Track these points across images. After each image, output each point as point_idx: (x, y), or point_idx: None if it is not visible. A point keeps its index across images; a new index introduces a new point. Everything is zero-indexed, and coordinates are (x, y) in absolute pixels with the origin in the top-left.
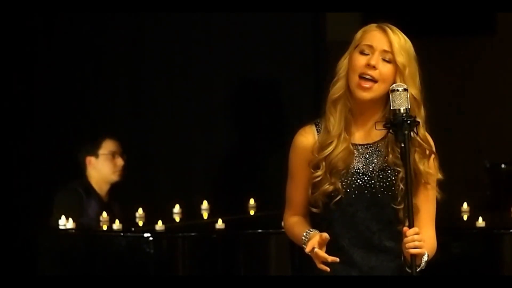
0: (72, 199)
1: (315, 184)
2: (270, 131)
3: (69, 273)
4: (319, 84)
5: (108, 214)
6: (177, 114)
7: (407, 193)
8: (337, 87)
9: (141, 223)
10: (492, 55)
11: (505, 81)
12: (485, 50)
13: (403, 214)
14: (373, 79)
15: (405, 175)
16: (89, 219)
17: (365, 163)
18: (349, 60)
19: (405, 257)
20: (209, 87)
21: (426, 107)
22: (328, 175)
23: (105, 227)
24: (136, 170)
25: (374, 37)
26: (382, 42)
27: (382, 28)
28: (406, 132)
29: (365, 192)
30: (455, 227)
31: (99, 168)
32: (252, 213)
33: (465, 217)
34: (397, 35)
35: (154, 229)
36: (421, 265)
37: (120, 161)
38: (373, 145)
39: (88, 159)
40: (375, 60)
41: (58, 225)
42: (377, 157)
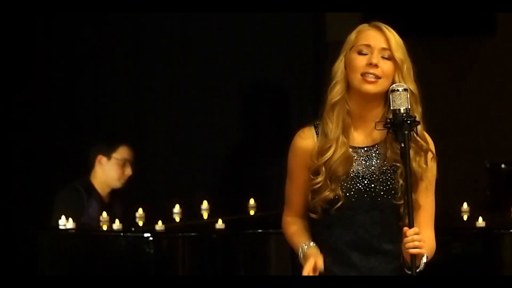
0: (73, 198)
1: (315, 190)
2: (270, 131)
3: (69, 273)
4: (319, 84)
5: (109, 214)
6: (177, 114)
7: (407, 193)
8: (336, 91)
9: (141, 223)
10: (492, 55)
11: (505, 81)
12: (485, 50)
13: (403, 210)
14: (377, 77)
15: (405, 175)
16: (90, 218)
17: (365, 166)
18: (348, 62)
19: (405, 258)
20: (209, 87)
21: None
22: (328, 181)
23: (105, 227)
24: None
25: (370, 36)
26: (379, 40)
27: (376, 26)
28: (406, 132)
29: (365, 196)
30: (455, 227)
31: (107, 170)
32: (252, 213)
33: (465, 217)
34: (392, 32)
35: (154, 229)
36: (420, 266)
37: (129, 171)
38: (373, 148)
39: (99, 158)
40: (376, 58)
41: (58, 225)
42: (377, 159)
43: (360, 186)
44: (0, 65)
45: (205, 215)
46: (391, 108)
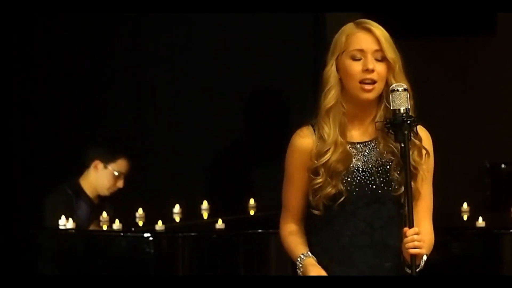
0: (62, 200)
1: (316, 189)
2: (270, 131)
3: (69, 273)
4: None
5: (99, 215)
6: (177, 114)
7: (407, 193)
8: (331, 97)
9: (141, 223)
10: (492, 55)
11: (505, 81)
12: (485, 50)
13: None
14: (373, 82)
15: (405, 176)
16: (79, 220)
17: (364, 160)
18: (342, 68)
19: (405, 257)
20: (209, 87)
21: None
22: (329, 179)
23: (105, 227)
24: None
25: (361, 40)
26: (370, 42)
27: (364, 28)
28: (406, 132)
29: (366, 189)
30: (455, 227)
31: (100, 177)
32: (252, 213)
33: (465, 217)
34: (380, 29)
35: (154, 229)
36: (420, 265)
37: (120, 183)
38: (371, 142)
39: (96, 163)
40: (372, 63)
41: (58, 225)
42: (375, 153)
43: (360, 179)
44: None
45: (205, 215)
46: (391, 108)
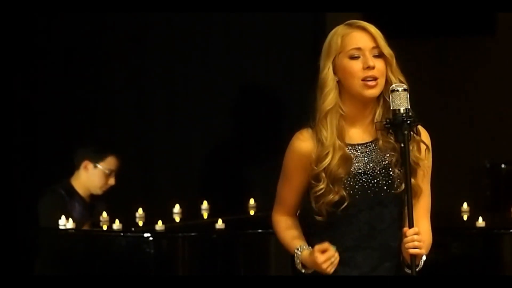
0: (55, 201)
1: (319, 196)
2: (270, 131)
3: (69, 273)
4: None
5: (92, 214)
6: (177, 114)
7: (407, 193)
8: (329, 100)
9: (141, 223)
10: (492, 55)
11: (505, 81)
12: (485, 50)
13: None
14: (375, 78)
15: (404, 176)
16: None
17: (365, 162)
18: (341, 68)
19: (404, 257)
20: (209, 88)
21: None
22: (330, 185)
23: (105, 227)
24: (136, 170)
25: (357, 38)
26: (367, 40)
27: (359, 27)
28: (406, 132)
29: (368, 192)
30: (455, 227)
31: (91, 177)
32: (252, 213)
33: (465, 217)
34: (373, 27)
35: (154, 229)
36: (419, 265)
37: (112, 181)
38: (371, 143)
39: (86, 163)
40: (371, 60)
41: (57, 225)
42: (377, 154)
43: (362, 182)
44: None
45: (205, 215)
46: (391, 108)
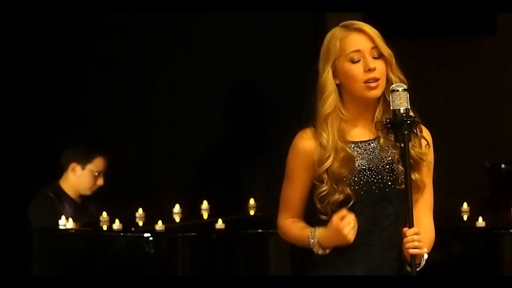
0: (45, 204)
1: (323, 196)
2: (269, 131)
3: (69, 273)
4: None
5: (82, 215)
6: (177, 114)
7: (407, 193)
8: (330, 103)
9: (141, 223)
10: (492, 55)
11: (505, 81)
12: (485, 50)
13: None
14: (376, 79)
15: (404, 175)
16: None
17: (369, 158)
18: (341, 72)
19: (405, 256)
20: (209, 88)
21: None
22: (334, 186)
23: (105, 227)
24: (136, 170)
25: (356, 41)
26: (365, 42)
27: (356, 29)
28: (406, 132)
29: (373, 187)
30: (455, 227)
31: (80, 179)
32: (252, 213)
33: (465, 217)
34: (370, 28)
35: (154, 229)
36: (421, 264)
37: (101, 181)
38: (374, 140)
39: (73, 165)
40: (371, 62)
41: (58, 225)
42: (380, 151)
43: (367, 178)
44: None
45: (205, 215)
46: (391, 108)
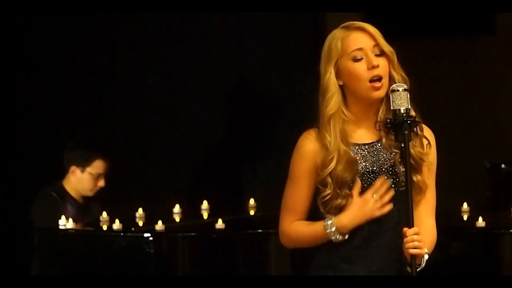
0: (48, 205)
1: (327, 201)
2: (270, 131)
3: (69, 273)
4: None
5: (85, 215)
6: (177, 114)
7: (407, 193)
8: (332, 105)
9: (141, 223)
10: (492, 55)
11: (505, 81)
12: (485, 50)
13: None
14: (380, 78)
15: (405, 175)
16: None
17: (372, 160)
18: (345, 72)
19: (405, 256)
20: (209, 88)
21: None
22: (338, 190)
23: (105, 227)
24: (136, 170)
25: (357, 39)
26: (366, 40)
27: (356, 28)
28: (406, 132)
29: None
30: (455, 227)
31: (80, 182)
32: (252, 213)
33: (465, 217)
34: (371, 26)
35: (154, 229)
36: (421, 264)
37: (102, 183)
38: (378, 142)
39: (73, 168)
40: (375, 59)
41: (58, 225)
42: (384, 153)
43: (371, 181)
44: None
45: (205, 215)
46: (391, 108)
